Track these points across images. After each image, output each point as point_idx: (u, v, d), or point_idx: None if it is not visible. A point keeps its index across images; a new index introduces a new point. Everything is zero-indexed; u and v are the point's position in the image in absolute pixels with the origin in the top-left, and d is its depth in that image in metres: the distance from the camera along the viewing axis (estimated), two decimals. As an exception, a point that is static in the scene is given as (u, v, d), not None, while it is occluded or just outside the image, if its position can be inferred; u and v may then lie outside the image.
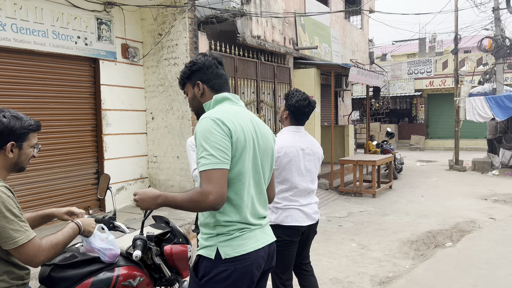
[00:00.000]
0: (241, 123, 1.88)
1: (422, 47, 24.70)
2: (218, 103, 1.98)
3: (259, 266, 1.92)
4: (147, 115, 7.46)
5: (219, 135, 1.77)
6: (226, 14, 7.84)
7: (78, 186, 6.41)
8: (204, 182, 1.73)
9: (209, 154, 1.74)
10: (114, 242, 2.20)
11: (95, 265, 2.16)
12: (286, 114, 3.09)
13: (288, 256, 3.02)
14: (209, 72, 2.01)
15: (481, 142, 20.06)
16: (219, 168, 1.74)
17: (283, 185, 3.01)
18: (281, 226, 2.96)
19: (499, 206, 8.16)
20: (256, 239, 1.91)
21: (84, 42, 6.30)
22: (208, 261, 1.84)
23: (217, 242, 1.84)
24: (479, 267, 4.81)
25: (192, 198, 1.75)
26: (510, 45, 12.94)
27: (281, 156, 2.97)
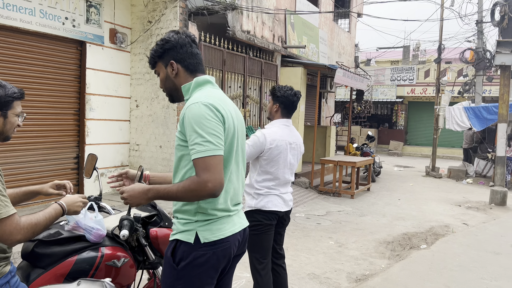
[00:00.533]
0: (229, 108, 1.87)
1: (406, 55, 25.15)
2: (199, 86, 1.91)
3: (235, 249, 1.94)
4: (131, 102, 7.37)
5: (213, 121, 1.73)
6: (218, 7, 7.80)
7: (57, 170, 6.28)
8: (200, 170, 1.68)
9: (205, 140, 1.69)
10: (101, 222, 2.18)
11: (79, 243, 2.13)
12: (277, 107, 3.19)
13: (267, 240, 3.14)
14: (183, 51, 1.91)
15: (457, 151, 20.57)
16: (216, 154, 1.70)
17: (268, 175, 3.12)
18: (261, 211, 3.08)
19: (472, 212, 8.41)
20: (233, 223, 1.91)
21: (71, 24, 6.18)
22: (186, 246, 1.81)
23: (196, 227, 1.81)
24: (452, 269, 4.95)
25: (189, 187, 1.70)
26: (490, 58, 13.30)
27: (273, 148, 3.07)
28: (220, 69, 7.97)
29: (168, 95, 2.02)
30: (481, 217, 8.00)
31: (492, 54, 13.68)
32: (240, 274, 4.49)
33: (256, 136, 3.07)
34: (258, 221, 3.08)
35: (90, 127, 6.62)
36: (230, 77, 8.29)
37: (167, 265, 1.88)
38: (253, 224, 2.91)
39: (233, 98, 8.48)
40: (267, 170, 3.11)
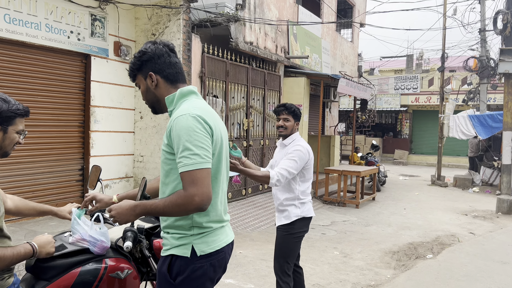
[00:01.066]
0: (214, 119, 1.84)
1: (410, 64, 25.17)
2: (184, 97, 1.87)
3: (229, 258, 1.95)
4: (135, 114, 7.42)
5: (201, 133, 1.71)
6: (220, 19, 7.88)
7: (62, 182, 6.32)
8: (187, 184, 1.66)
9: (193, 153, 1.66)
10: (106, 235, 2.18)
11: (83, 255, 2.13)
12: (297, 125, 3.51)
13: (300, 246, 3.46)
14: (161, 62, 1.87)
15: (462, 159, 20.45)
16: (203, 168, 1.67)
17: (307, 183, 3.44)
18: (305, 218, 3.38)
19: (478, 222, 8.33)
20: (226, 234, 1.92)
21: (77, 37, 6.27)
22: (183, 260, 1.79)
23: (192, 240, 1.79)
24: (459, 279, 4.90)
25: (176, 202, 1.67)
26: (494, 66, 13.29)
27: (310, 158, 3.38)
28: (224, 80, 8.02)
29: (151, 107, 1.99)
30: (488, 226, 7.93)
31: (495, 62, 13.68)
32: (244, 285, 4.47)
33: (299, 151, 3.29)
34: (301, 228, 3.37)
35: (95, 139, 6.67)
36: (233, 88, 8.34)
37: (163, 281, 1.84)
38: (296, 232, 3.32)
39: (237, 108, 8.52)
40: (307, 178, 3.41)
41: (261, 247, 5.90)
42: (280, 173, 3.17)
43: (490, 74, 13.81)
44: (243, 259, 5.33)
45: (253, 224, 7.22)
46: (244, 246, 5.91)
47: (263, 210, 8.17)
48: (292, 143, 3.40)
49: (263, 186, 9.47)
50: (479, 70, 13.88)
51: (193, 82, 7.11)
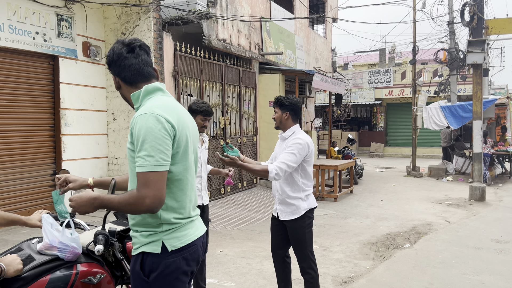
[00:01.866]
0: (181, 117, 1.84)
1: (382, 58, 25.56)
2: (149, 94, 1.87)
3: (201, 251, 1.96)
4: (108, 115, 7.27)
5: (160, 134, 1.70)
6: (192, 16, 7.80)
7: (34, 188, 6.13)
8: (141, 185, 1.68)
9: (148, 155, 1.68)
10: (77, 240, 2.12)
11: (52, 262, 2.06)
12: (287, 115, 3.41)
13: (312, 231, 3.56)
14: (117, 65, 1.90)
15: (436, 150, 20.93)
16: (157, 170, 1.68)
17: (310, 174, 3.47)
18: (311, 209, 3.46)
19: (453, 209, 8.53)
20: (196, 227, 1.93)
21: (43, 38, 6.08)
22: (154, 256, 1.78)
23: (162, 237, 1.79)
24: (435, 266, 5.00)
25: (129, 201, 1.71)
26: (463, 58, 13.62)
27: (310, 151, 3.37)
28: (198, 78, 7.94)
29: (126, 102, 2.04)
30: (462, 214, 8.13)
31: (464, 53, 14.03)
32: (224, 284, 4.44)
33: (298, 144, 3.28)
34: (310, 218, 3.46)
35: (67, 143, 6.50)
36: (208, 86, 8.27)
37: (138, 280, 1.82)
38: (307, 223, 3.42)
39: (212, 107, 8.44)
40: (308, 171, 3.43)
41: (241, 245, 5.88)
42: (279, 167, 3.19)
43: (460, 66, 14.15)
44: (223, 257, 5.30)
45: (233, 222, 7.19)
46: (224, 245, 5.87)
47: (242, 208, 8.15)
48: (291, 135, 3.40)
49: (242, 184, 9.45)
50: (449, 62, 14.21)
51: (166, 81, 7.01)
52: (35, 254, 2.09)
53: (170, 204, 1.81)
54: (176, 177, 1.81)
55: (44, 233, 2.10)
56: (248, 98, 9.87)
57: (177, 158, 1.79)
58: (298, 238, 3.44)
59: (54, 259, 2.06)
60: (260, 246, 5.80)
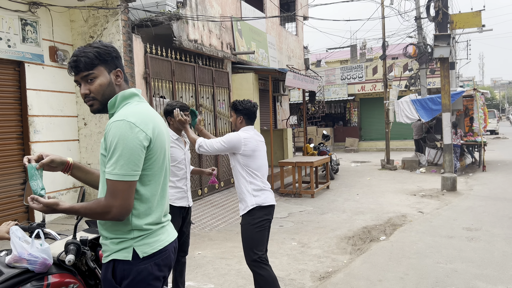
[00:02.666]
0: (156, 124, 1.83)
1: (354, 54, 25.95)
2: (125, 100, 1.85)
3: (173, 256, 1.95)
4: (79, 121, 7.12)
5: (133, 143, 1.69)
6: (162, 17, 7.72)
7: (3, 198, 5.94)
8: (108, 194, 1.70)
9: (118, 164, 1.68)
10: (48, 251, 2.07)
11: (22, 275, 2.01)
12: (241, 119, 3.56)
13: (267, 235, 3.54)
14: (121, 62, 1.96)
15: (409, 142, 21.38)
16: (126, 180, 1.69)
17: (257, 172, 3.49)
18: (263, 207, 3.44)
19: (426, 200, 8.75)
20: (167, 233, 1.92)
21: (7, 44, 5.89)
22: (125, 264, 1.77)
23: (133, 243, 1.78)
24: (410, 257, 5.12)
25: (96, 210, 1.72)
26: (431, 52, 13.95)
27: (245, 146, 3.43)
28: (170, 80, 7.87)
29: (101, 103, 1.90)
30: (435, 204, 8.35)
31: (432, 48, 14.39)
32: (203, 286, 4.43)
33: (230, 135, 3.47)
34: (261, 217, 3.43)
35: (36, 150, 6.32)
36: (180, 87, 8.20)
37: (110, 287, 1.80)
38: (257, 221, 3.39)
39: (186, 108, 8.38)
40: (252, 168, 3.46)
41: (220, 246, 5.87)
42: (205, 142, 3.47)
43: (428, 60, 14.48)
44: (201, 259, 5.28)
45: (211, 223, 7.16)
46: (203, 247, 5.85)
47: (220, 208, 8.13)
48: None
49: (219, 185, 9.42)
50: (418, 56, 14.52)
51: (137, 84, 6.92)
52: (4, 267, 2.04)
53: (142, 210, 1.80)
54: (149, 183, 1.80)
55: (13, 245, 2.05)
56: (222, 98, 9.84)
57: (151, 165, 1.79)
58: (243, 234, 3.47)
59: (24, 271, 2.02)
60: (238, 246, 5.79)
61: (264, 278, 3.38)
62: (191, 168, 4.05)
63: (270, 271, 3.42)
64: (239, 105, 3.54)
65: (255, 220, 3.41)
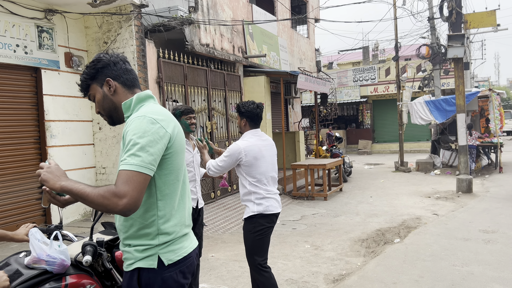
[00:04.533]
0: (176, 123, 1.83)
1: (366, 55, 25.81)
2: (141, 102, 1.82)
3: (195, 263, 1.93)
4: (94, 125, 7.23)
5: (154, 137, 1.65)
6: (174, 22, 7.80)
7: (21, 202, 6.07)
8: (121, 182, 1.56)
9: (137, 155, 1.59)
10: (66, 252, 2.12)
11: (40, 276, 2.06)
12: (244, 121, 3.54)
13: (268, 241, 3.51)
14: (117, 68, 1.84)
15: (423, 144, 21.17)
16: (143, 172, 1.59)
17: (258, 179, 3.45)
18: (264, 215, 3.42)
19: (441, 202, 8.65)
20: (190, 240, 1.89)
21: (24, 51, 6.03)
22: (151, 272, 1.73)
23: (158, 251, 1.74)
24: (425, 259, 5.07)
25: (103, 195, 1.55)
26: (445, 52, 13.81)
27: (246, 156, 3.40)
28: (182, 84, 7.94)
29: (108, 116, 1.90)
30: (450, 206, 8.25)
31: (445, 48, 14.24)
32: (217, 288, 4.44)
33: (230, 148, 3.44)
34: (262, 224, 3.42)
35: (53, 155, 6.45)
36: (193, 91, 8.28)
37: None
38: (258, 229, 3.40)
39: (198, 112, 8.46)
40: (254, 175, 3.43)
41: (233, 249, 5.88)
42: (212, 164, 3.52)
43: (442, 60, 14.35)
44: (215, 262, 5.30)
45: (224, 226, 7.19)
46: (216, 249, 5.88)
47: (233, 211, 8.15)
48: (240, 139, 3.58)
49: (232, 187, 9.46)
50: (431, 57, 14.40)
51: (150, 88, 7.00)
52: (23, 268, 2.09)
53: (168, 210, 1.75)
54: (171, 183, 1.76)
55: (31, 246, 2.09)
56: (234, 101, 9.89)
57: (172, 163, 1.75)
58: (245, 240, 3.49)
59: (43, 272, 2.06)
60: (252, 249, 5.81)
61: (262, 283, 3.41)
62: (203, 172, 4.08)
63: (269, 277, 3.42)
64: (242, 108, 3.51)
65: (256, 228, 3.40)
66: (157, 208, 1.73)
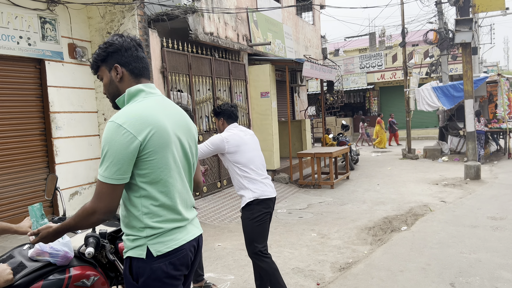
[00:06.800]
0: (155, 122, 1.74)
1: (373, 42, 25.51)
2: (132, 97, 1.83)
3: (192, 256, 1.89)
4: (99, 116, 7.23)
5: (118, 145, 1.66)
6: (177, 11, 7.73)
7: (28, 194, 6.10)
8: (94, 196, 1.71)
9: (104, 165, 1.68)
10: (69, 244, 2.12)
11: (44, 268, 2.06)
12: (222, 121, 3.69)
13: (267, 228, 3.53)
14: (128, 55, 1.83)
15: (431, 131, 21.00)
16: (110, 183, 1.68)
17: (247, 166, 3.50)
18: (261, 201, 3.45)
19: (449, 189, 8.58)
20: (186, 231, 1.86)
21: (27, 42, 6.01)
22: (140, 261, 1.76)
23: (146, 242, 1.76)
24: (432, 247, 5.03)
25: (82, 215, 1.73)
26: (453, 37, 13.58)
27: (235, 143, 3.50)
28: (187, 73, 7.90)
29: (111, 100, 1.93)
30: (458, 193, 8.18)
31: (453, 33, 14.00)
32: (224, 277, 4.46)
33: (213, 137, 3.55)
34: (260, 211, 3.46)
35: (59, 146, 6.46)
36: (197, 80, 8.23)
37: (128, 283, 1.82)
38: (256, 215, 3.44)
39: (203, 101, 8.42)
40: (242, 162, 3.49)
41: (240, 238, 5.89)
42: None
43: (449, 45, 14.13)
44: (222, 251, 5.32)
45: (231, 215, 7.21)
46: (223, 238, 5.89)
47: (240, 200, 8.15)
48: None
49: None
50: (439, 42, 14.18)
51: (154, 78, 6.97)
52: (27, 261, 2.09)
53: (153, 208, 1.76)
54: (155, 182, 1.75)
55: None
56: (239, 90, 9.84)
57: (153, 165, 1.73)
58: (243, 228, 3.52)
59: (46, 264, 2.07)
60: (258, 238, 5.82)
61: (264, 270, 3.45)
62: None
63: (271, 263, 3.46)
64: (218, 109, 3.69)
65: (254, 215, 3.44)
66: (141, 205, 1.76)
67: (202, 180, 2.24)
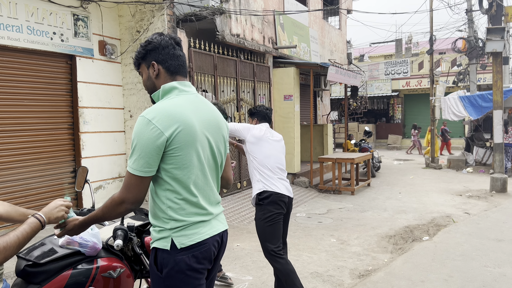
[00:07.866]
0: (183, 119, 1.79)
1: (399, 48, 25.18)
2: (166, 94, 1.90)
3: (215, 250, 1.92)
4: (125, 113, 7.36)
5: (146, 139, 1.73)
6: (205, 12, 7.81)
7: (54, 185, 6.27)
8: (123, 187, 1.78)
9: (133, 158, 1.76)
10: (98, 236, 2.17)
11: (73, 257, 2.12)
12: (255, 121, 3.87)
13: (279, 229, 3.54)
14: (165, 53, 1.91)
15: (455, 141, 20.57)
16: (138, 175, 1.74)
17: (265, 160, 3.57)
18: (271, 202, 3.48)
19: (473, 201, 8.39)
20: (210, 226, 1.89)
21: (60, 38, 6.18)
22: (164, 253, 1.81)
23: (171, 233, 1.81)
24: (455, 259, 4.93)
25: (111, 206, 1.79)
26: (482, 46, 13.31)
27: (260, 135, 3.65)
28: (212, 74, 7.97)
29: (149, 95, 2.03)
30: (483, 205, 7.99)
31: (483, 42, 13.70)
32: (242, 278, 4.47)
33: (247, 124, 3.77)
34: (270, 211, 3.48)
35: (85, 140, 6.61)
36: (222, 81, 8.29)
37: (153, 273, 1.86)
38: (269, 216, 3.47)
39: (227, 102, 8.48)
40: (259, 155, 3.58)
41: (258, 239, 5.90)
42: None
43: (479, 54, 13.84)
44: (240, 251, 5.34)
45: (250, 216, 7.22)
46: (241, 239, 5.91)
47: (259, 202, 8.16)
48: None
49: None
50: (468, 51, 13.91)
51: (181, 78, 7.05)
52: (57, 248, 2.15)
53: (177, 201, 1.80)
54: (180, 177, 1.79)
55: None
56: (263, 92, 9.86)
57: (178, 161, 1.78)
58: (256, 229, 3.56)
59: (76, 253, 2.12)
60: (277, 240, 5.81)
61: (278, 270, 3.46)
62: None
63: (285, 264, 3.45)
64: (254, 109, 3.88)
65: (265, 215, 3.47)
66: (165, 198, 1.82)
67: (232, 177, 2.26)
